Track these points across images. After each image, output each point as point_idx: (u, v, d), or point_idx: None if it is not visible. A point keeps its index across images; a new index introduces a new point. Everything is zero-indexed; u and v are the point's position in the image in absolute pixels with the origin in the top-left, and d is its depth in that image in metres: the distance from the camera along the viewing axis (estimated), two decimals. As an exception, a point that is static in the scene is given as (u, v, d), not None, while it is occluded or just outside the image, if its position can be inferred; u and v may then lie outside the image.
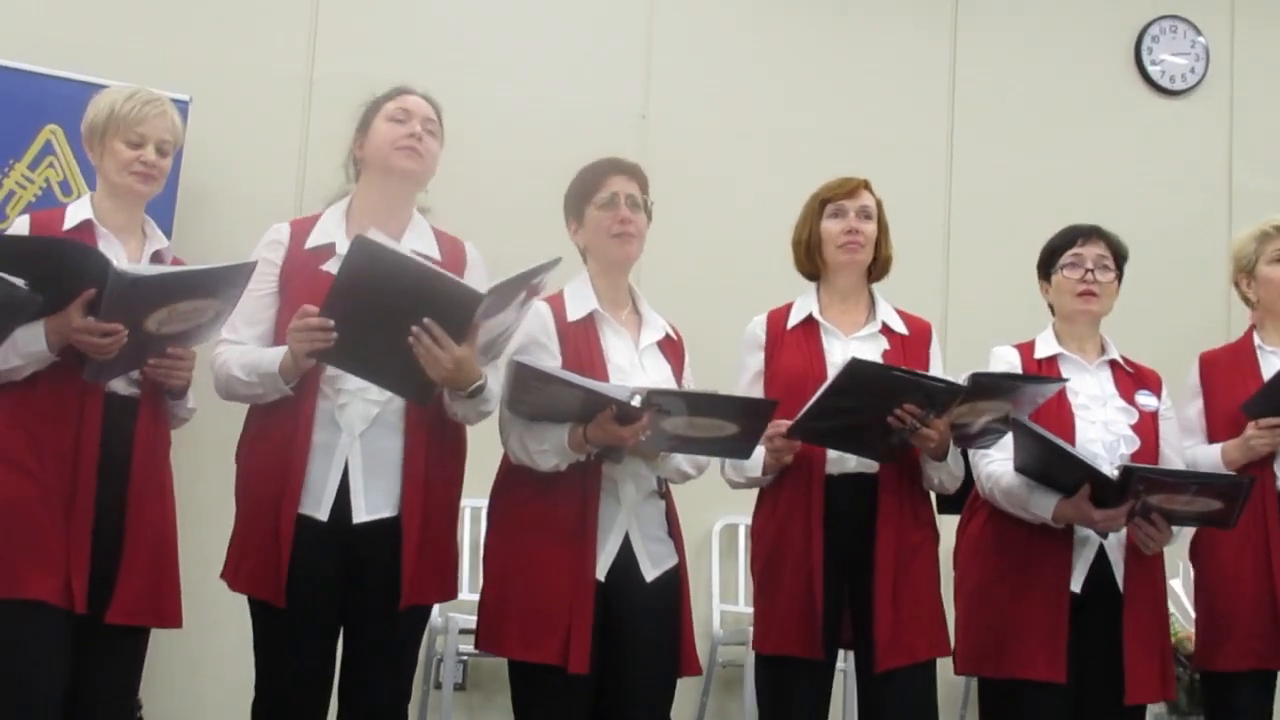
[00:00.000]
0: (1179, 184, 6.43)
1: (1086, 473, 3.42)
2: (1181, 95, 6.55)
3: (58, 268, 3.00)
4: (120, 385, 3.20)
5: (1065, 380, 3.59)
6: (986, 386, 3.38)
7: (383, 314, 3.06)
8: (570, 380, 3.19)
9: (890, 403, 3.32)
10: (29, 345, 3.07)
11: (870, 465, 3.51)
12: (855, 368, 3.27)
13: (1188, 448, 3.79)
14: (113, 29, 5.09)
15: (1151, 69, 6.51)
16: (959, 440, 3.52)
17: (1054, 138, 6.33)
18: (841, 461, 3.50)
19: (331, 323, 3.06)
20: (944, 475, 3.55)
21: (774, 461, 3.50)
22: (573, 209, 3.53)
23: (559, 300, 3.45)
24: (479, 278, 3.37)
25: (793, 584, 3.48)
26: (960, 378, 3.36)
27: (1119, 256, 3.77)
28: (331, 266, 3.24)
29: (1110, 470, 3.45)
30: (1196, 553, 3.90)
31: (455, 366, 3.10)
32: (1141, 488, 3.39)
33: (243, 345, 3.29)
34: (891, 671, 3.44)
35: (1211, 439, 3.85)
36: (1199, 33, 6.56)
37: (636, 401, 3.17)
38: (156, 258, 3.33)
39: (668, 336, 3.55)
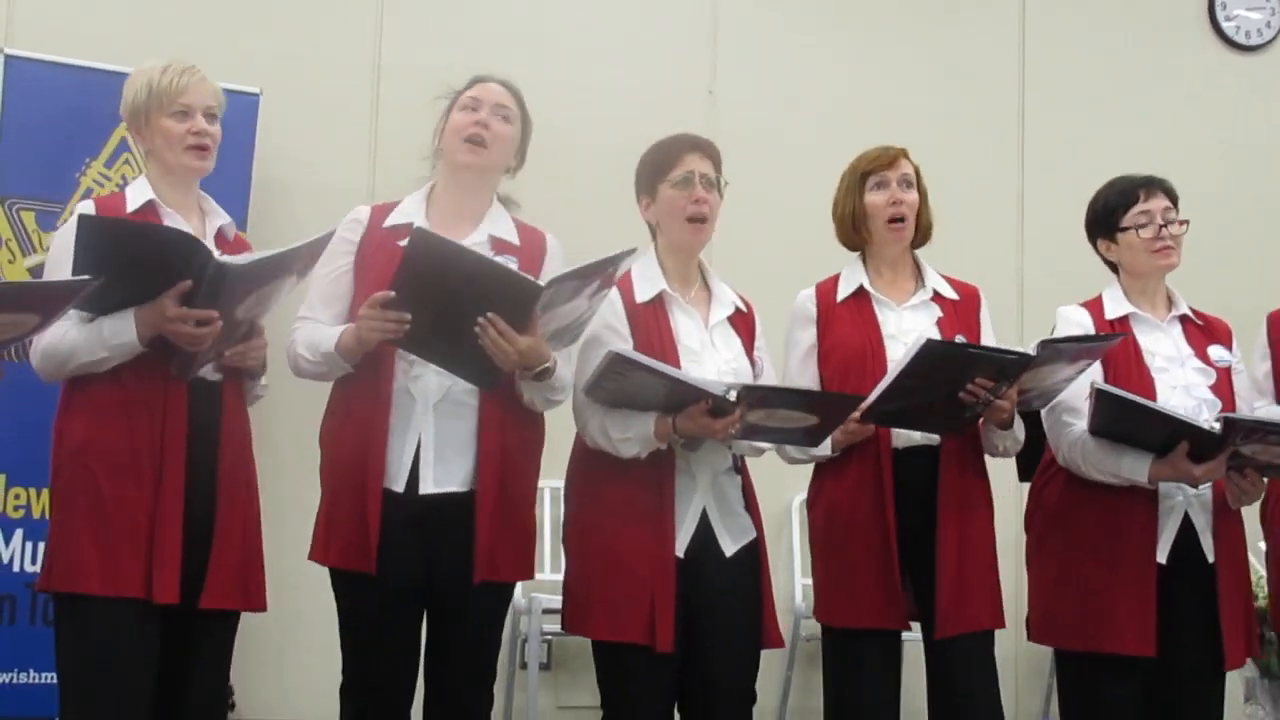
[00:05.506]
0: (1256, 141, 6.32)
1: (1184, 430, 3.38)
2: (1257, 50, 6.44)
3: (158, 257, 2.93)
4: (205, 370, 3.16)
5: (1124, 335, 3.55)
6: (1054, 352, 3.37)
7: (446, 304, 3.08)
8: (665, 372, 3.18)
9: (962, 378, 3.31)
10: (117, 336, 3.01)
11: (933, 437, 3.50)
12: (929, 348, 3.25)
13: (1258, 408, 3.69)
14: (182, 26, 5.15)
15: (1226, 25, 6.40)
16: (1020, 404, 3.51)
17: (1128, 98, 6.24)
18: (906, 435, 3.50)
19: (408, 316, 3.08)
20: (1008, 442, 3.56)
21: (846, 441, 3.48)
22: (645, 184, 3.52)
23: (627, 282, 3.44)
24: (557, 268, 3.35)
25: (868, 557, 3.47)
26: (1029, 347, 3.34)
27: (1177, 203, 3.71)
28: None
29: (1210, 424, 3.40)
30: (1267, 518, 3.81)
31: (521, 357, 3.13)
32: (1240, 438, 3.34)
33: (317, 323, 3.31)
34: (956, 637, 3.44)
35: None
36: (1274, -15, 6.45)
37: (732, 396, 3.18)
38: (220, 235, 3.29)
39: (738, 310, 3.55)
